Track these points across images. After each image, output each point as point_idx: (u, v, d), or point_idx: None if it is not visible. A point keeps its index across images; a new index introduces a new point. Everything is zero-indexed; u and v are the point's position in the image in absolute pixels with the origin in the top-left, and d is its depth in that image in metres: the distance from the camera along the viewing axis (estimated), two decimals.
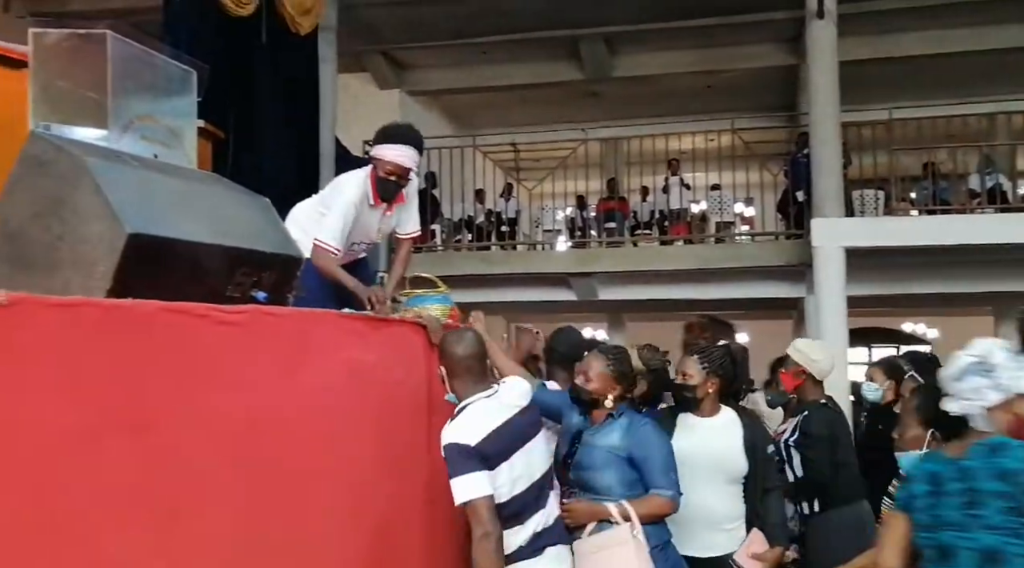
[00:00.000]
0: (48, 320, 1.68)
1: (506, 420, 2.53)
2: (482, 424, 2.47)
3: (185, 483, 1.87)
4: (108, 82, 3.34)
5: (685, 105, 11.84)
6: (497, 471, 2.44)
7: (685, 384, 3.21)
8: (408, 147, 3.37)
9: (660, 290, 9.95)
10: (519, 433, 2.56)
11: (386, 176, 3.37)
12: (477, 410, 2.53)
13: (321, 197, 3.59)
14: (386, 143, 3.36)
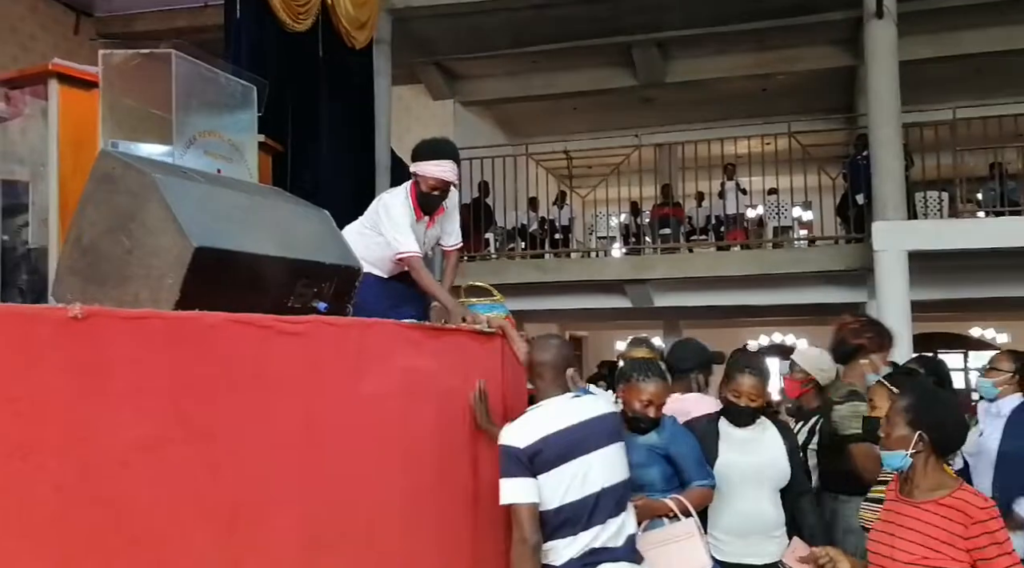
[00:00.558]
0: (120, 332, 1.74)
1: (570, 425, 2.52)
2: (538, 427, 2.49)
3: (248, 490, 1.92)
4: (173, 99, 3.46)
5: (740, 109, 11.71)
6: (546, 476, 2.45)
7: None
8: (449, 161, 3.49)
9: (716, 296, 9.84)
10: (582, 440, 2.53)
11: (429, 190, 3.48)
12: (540, 413, 2.55)
13: (368, 218, 3.66)
14: (429, 160, 3.46)
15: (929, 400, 2.37)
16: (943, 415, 2.34)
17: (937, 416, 2.32)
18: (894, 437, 2.33)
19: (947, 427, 2.33)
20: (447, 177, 3.47)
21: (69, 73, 3.45)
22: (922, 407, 2.32)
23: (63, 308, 1.62)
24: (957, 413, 2.42)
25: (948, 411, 2.37)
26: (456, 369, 2.80)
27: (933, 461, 2.31)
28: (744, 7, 9.27)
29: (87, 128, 3.36)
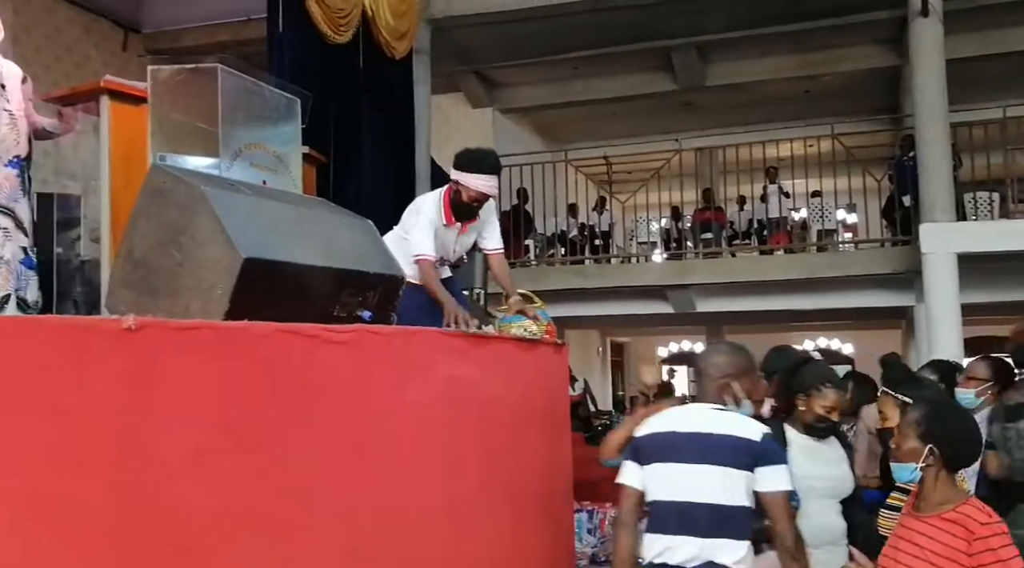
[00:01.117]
0: (171, 343, 1.77)
1: (680, 431, 2.48)
2: (660, 423, 2.53)
3: (295, 500, 1.94)
4: (219, 113, 3.52)
5: (782, 111, 11.59)
6: (647, 469, 2.48)
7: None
8: (495, 177, 3.56)
9: (760, 301, 9.73)
10: (681, 449, 2.46)
11: (470, 201, 3.55)
12: (672, 412, 2.58)
13: (401, 223, 3.72)
14: (475, 173, 3.51)
15: (942, 413, 2.32)
16: (955, 429, 2.28)
17: (949, 430, 2.26)
18: (904, 449, 2.28)
19: (959, 441, 2.27)
20: (489, 192, 3.55)
21: (120, 89, 3.53)
22: (934, 420, 2.27)
23: (116, 319, 1.66)
24: (971, 427, 2.35)
25: (961, 425, 2.32)
26: (498, 377, 2.80)
27: (944, 476, 2.25)
28: (785, 8, 9.18)
29: (137, 143, 3.43)
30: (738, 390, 2.54)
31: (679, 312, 10.13)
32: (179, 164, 3.41)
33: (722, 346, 2.70)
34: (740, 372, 2.57)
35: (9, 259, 3.31)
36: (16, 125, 3.44)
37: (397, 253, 3.50)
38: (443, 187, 3.68)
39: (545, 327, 3.75)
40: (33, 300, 3.41)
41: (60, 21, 8.49)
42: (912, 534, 2.24)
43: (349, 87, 7.41)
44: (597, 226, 11.32)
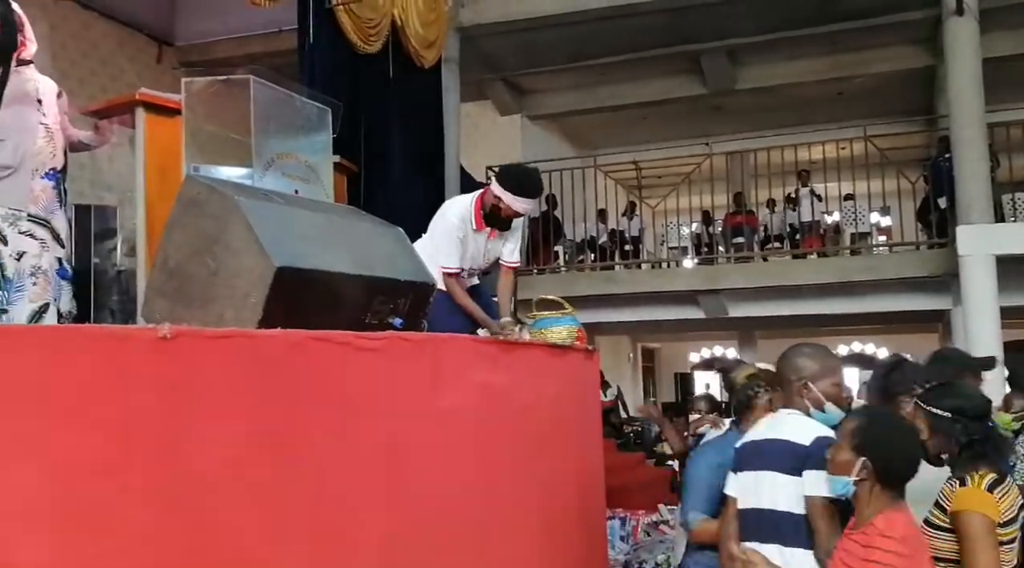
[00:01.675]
0: (206, 351, 1.79)
1: (757, 439, 2.49)
2: (751, 433, 2.54)
3: (330, 507, 1.95)
4: (252, 123, 3.57)
5: (813, 114, 11.47)
6: (740, 475, 2.50)
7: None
8: (534, 201, 3.71)
9: (793, 305, 9.63)
10: (753, 456, 2.48)
11: (505, 217, 3.64)
12: (763, 421, 2.58)
13: (430, 231, 3.76)
14: (519, 196, 3.59)
15: (877, 425, 2.23)
16: (890, 442, 2.19)
17: (884, 443, 2.17)
18: (838, 461, 2.20)
19: (894, 455, 2.17)
20: (527, 212, 3.71)
21: (154, 101, 3.59)
22: (869, 432, 2.18)
23: (152, 328, 1.68)
24: (908, 440, 2.24)
25: (897, 438, 2.21)
26: (529, 383, 2.80)
27: (878, 490, 2.15)
28: (816, 10, 9.09)
29: (171, 154, 3.49)
30: (816, 393, 2.44)
31: (711, 317, 10.05)
32: (213, 174, 3.46)
33: (803, 348, 2.56)
34: (818, 375, 2.46)
35: (47, 269, 3.37)
36: (52, 138, 3.50)
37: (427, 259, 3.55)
38: (476, 192, 3.75)
39: (576, 333, 3.75)
40: (66, 310, 3.47)
41: (96, 36, 8.64)
42: (843, 554, 2.16)
43: (379, 96, 7.46)
44: (627, 231, 11.28)
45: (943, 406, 2.45)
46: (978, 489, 2.28)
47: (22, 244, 3.30)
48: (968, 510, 2.24)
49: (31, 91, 3.47)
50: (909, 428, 2.34)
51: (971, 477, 2.31)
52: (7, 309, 3.26)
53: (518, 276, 9.54)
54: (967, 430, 2.37)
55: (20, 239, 3.30)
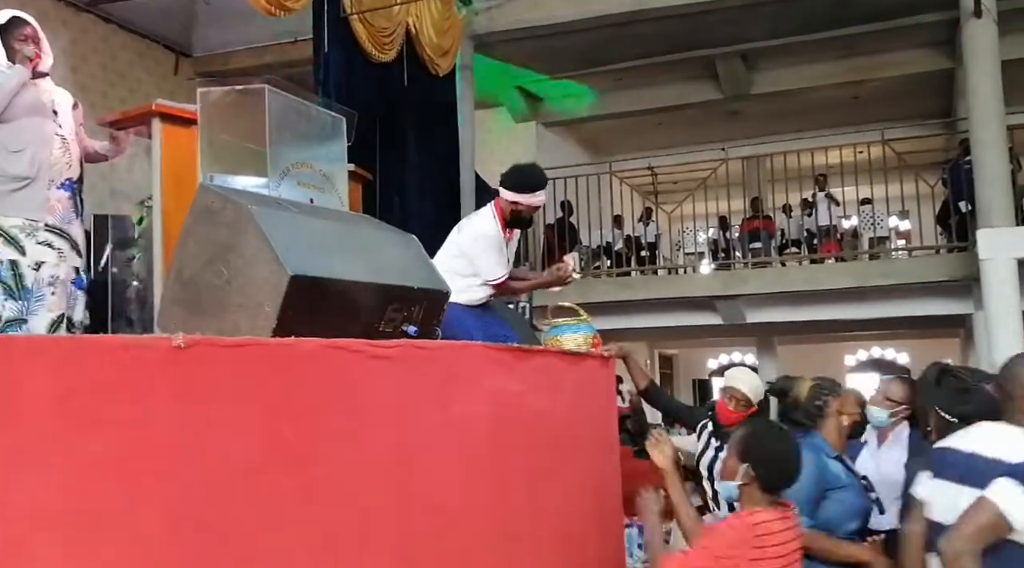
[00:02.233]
0: (220, 360, 1.79)
1: (963, 450, 2.34)
2: (959, 440, 2.40)
3: (344, 515, 1.95)
4: (267, 133, 3.58)
5: (830, 118, 11.40)
6: (936, 483, 2.38)
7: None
8: (545, 192, 3.82)
9: (812, 311, 9.55)
10: (954, 467, 2.33)
11: (528, 216, 3.81)
12: (973, 428, 2.42)
13: (457, 245, 3.78)
14: (528, 192, 3.71)
15: (761, 435, 2.46)
16: (771, 451, 2.40)
17: (765, 451, 2.39)
18: (727, 468, 2.42)
19: (774, 463, 2.38)
20: (540, 204, 3.83)
21: (170, 112, 3.62)
22: (752, 441, 2.41)
23: (166, 338, 1.68)
24: (788, 451, 2.45)
25: (778, 448, 2.43)
26: (545, 390, 2.79)
27: (759, 496, 2.37)
28: (831, 14, 9.05)
29: (187, 164, 3.51)
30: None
31: (728, 323, 9.99)
32: (228, 184, 3.48)
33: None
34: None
35: (64, 279, 3.40)
36: (68, 149, 3.54)
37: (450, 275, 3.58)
38: (488, 206, 3.86)
39: (592, 340, 3.74)
40: (79, 320, 3.50)
41: (115, 48, 8.73)
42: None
43: (394, 105, 7.49)
44: (643, 237, 11.25)
45: (952, 412, 2.50)
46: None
47: (40, 254, 3.34)
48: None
49: (47, 103, 3.52)
50: (791, 441, 2.52)
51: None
52: (27, 319, 3.29)
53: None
54: None
55: (38, 249, 3.34)
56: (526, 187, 3.70)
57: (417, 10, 7.80)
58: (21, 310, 3.26)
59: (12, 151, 3.35)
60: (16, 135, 3.38)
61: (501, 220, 3.75)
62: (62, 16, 8.00)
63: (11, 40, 3.45)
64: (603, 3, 8.81)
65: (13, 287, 3.25)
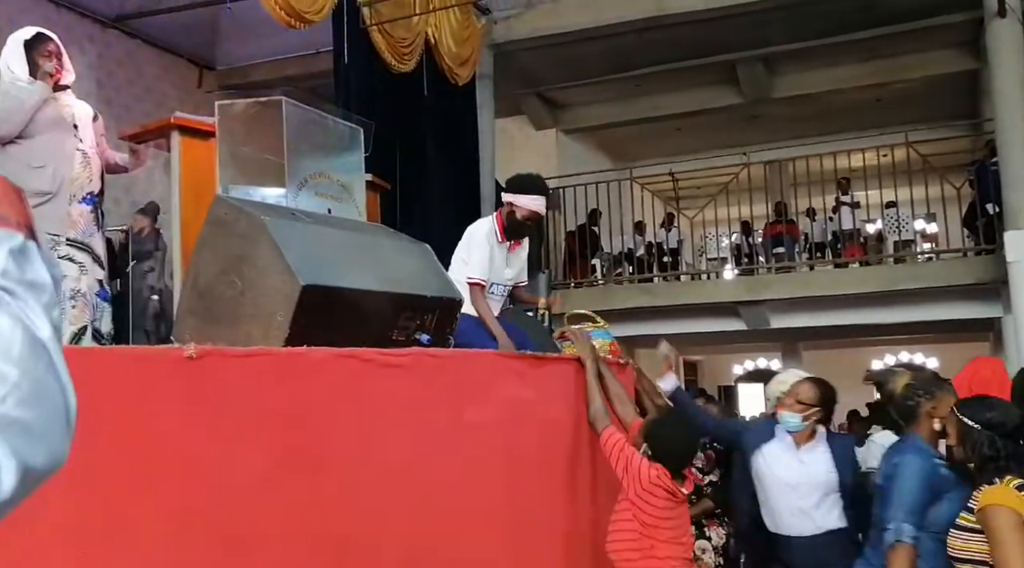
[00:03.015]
0: (232, 370, 1.82)
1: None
2: None
3: (356, 521, 1.96)
4: (284, 144, 3.62)
5: (853, 121, 11.28)
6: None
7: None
8: (544, 197, 3.82)
9: (837, 316, 9.45)
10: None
11: (524, 220, 3.77)
12: None
13: (458, 254, 3.85)
14: (526, 194, 3.74)
15: (663, 422, 2.90)
16: (669, 434, 2.78)
17: (663, 433, 2.77)
18: (636, 443, 2.79)
19: (666, 444, 2.74)
20: (540, 210, 3.80)
21: (189, 125, 3.66)
22: (655, 425, 2.82)
23: (178, 348, 1.71)
24: (686, 436, 2.87)
25: (676, 432, 2.82)
26: (559, 398, 2.78)
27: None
28: (853, 16, 8.97)
29: (206, 176, 3.55)
30: None
31: (753, 329, 9.91)
32: (248, 195, 3.51)
33: None
34: None
35: (86, 292, 3.45)
36: (89, 163, 3.59)
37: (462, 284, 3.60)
38: (492, 214, 3.91)
39: (608, 346, 3.73)
40: (107, 331, 3.55)
41: (140, 62, 8.87)
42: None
43: (414, 114, 7.53)
44: (665, 243, 11.19)
45: (975, 418, 2.49)
46: (1006, 487, 2.33)
47: (62, 268, 3.39)
48: (993, 504, 2.30)
49: (67, 117, 3.57)
50: (690, 427, 3.06)
51: (999, 479, 2.36)
52: None
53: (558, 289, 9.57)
54: (993, 444, 2.41)
55: (60, 263, 3.39)
56: (520, 189, 3.74)
57: (436, 20, 7.84)
58: None
59: (34, 167, 3.40)
60: (38, 151, 3.43)
61: (500, 226, 3.77)
62: (88, 31, 8.14)
63: (36, 56, 3.51)
64: (622, 10, 8.80)
65: None
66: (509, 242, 3.86)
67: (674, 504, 2.70)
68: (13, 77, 3.45)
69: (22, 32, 3.53)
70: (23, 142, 3.41)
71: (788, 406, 3.38)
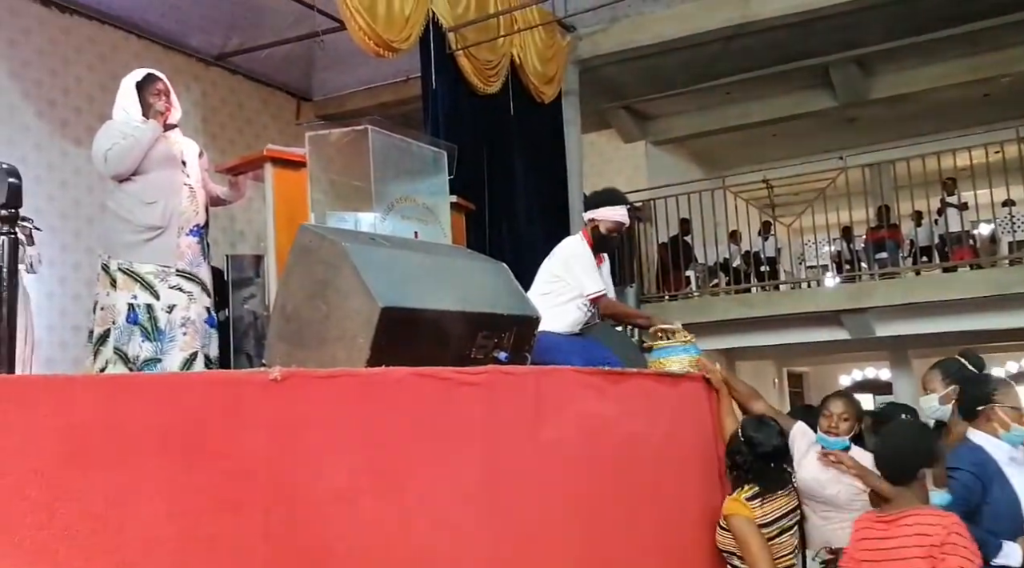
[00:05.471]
0: (315, 391, 1.90)
1: None
2: None
3: (436, 539, 2.01)
4: (371, 171, 3.76)
5: (958, 119, 10.79)
6: None
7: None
8: (624, 206, 3.94)
9: (947, 322, 9.01)
10: None
11: (608, 233, 3.89)
12: None
13: (550, 272, 3.90)
14: (609, 206, 3.89)
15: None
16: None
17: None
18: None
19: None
20: (624, 220, 3.93)
21: (281, 156, 3.85)
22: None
23: (263, 371, 1.80)
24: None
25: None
26: (640, 414, 2.78)
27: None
28: (951, 11, 8.60)
29: (299, 204, 3.71)
30: None
31: (857, 338, 9.57)
32: (340, 221, 3.66)
33: None
34: None
35: (195, 319, 3.65)
36: (195, 197, 3.81)
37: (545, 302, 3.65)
38: (578, 234, 4.04)
39: (696, 362, 3.69)
40: (215, 356, 3.74)
41: (242, 97, 9.31)
42: None
43: (501, 134, 7.63)
44: (762, 252, 10.95)
45: (744, 433, 3.12)
46: (738, 497, 3.01)
47: (172, 298, 3.60)
48: (731, 513, 2.99)
49: (176, 154, 3.80)
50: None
51: (739, 489, 3.05)
52: (161, 358, 3.55)
53: (650, 302, 9.48)
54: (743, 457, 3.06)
55: (170, 293, 3.60)
56: (600, 202, 3.87)
57: (521, 41, 7.94)
58: (156, 350, 3.53)
59: (147, 203, 3.64)
60: (150, 187, 3.66)
61: (589, 243, 3.89)
62: (194, 70, 8.61)
63: (147, 96, 3.75)
64: (708, 19, 8.70)
65: (149, 329, 3.52)
66: (594, 257, 3.95)
67: None
68: (128, 118, 3.70)
69: (134, 74, 3.79)
70: (137, 179, 3.65)
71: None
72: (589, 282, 3.80)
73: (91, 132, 3.99)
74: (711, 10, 8.63)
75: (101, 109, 6.09)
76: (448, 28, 7.02)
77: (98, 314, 3.59)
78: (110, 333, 3.51)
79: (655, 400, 2.89)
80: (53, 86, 7.11)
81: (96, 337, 3.56)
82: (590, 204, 3.94)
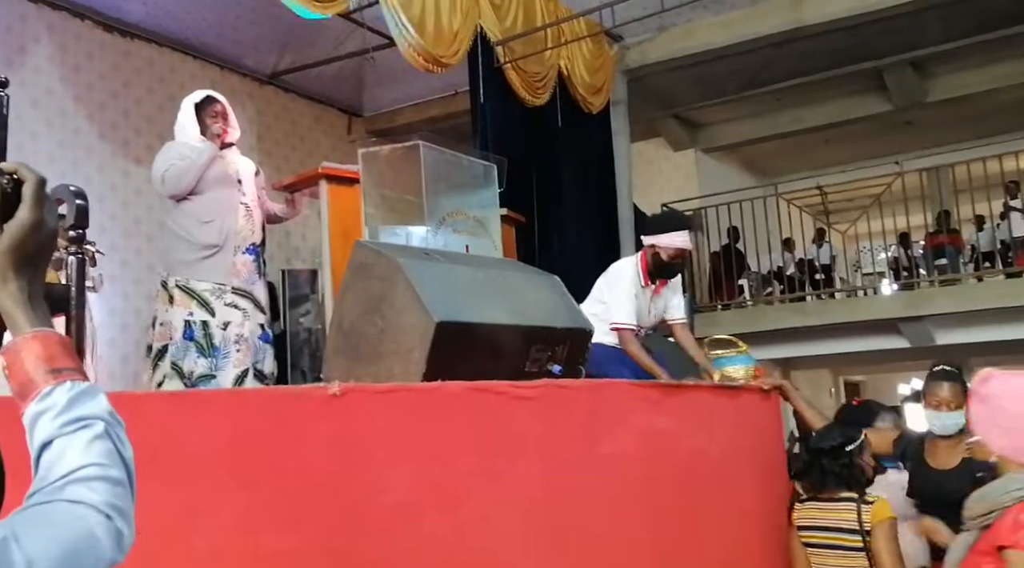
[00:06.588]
0: (373, 406, 1.92)
1: None
2: None
3: (494, 554, 2.01)
4: (423, 185, 3.80)
5: (1020, 119, 10.50)
6: None
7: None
8: (687, 231, 3.79)
9: (1011, 330, 8.75)
10: None
11: (670, 260, 3.73)
12: None
13: (598, 289, 3.84)
14: (669, 232, 3.72)
15: None
16: None
17: None
18: None
19: None
20: (686, 246, 3.76)
21: (335, 173, 3.91)
22: None
23: (323, 387, 1.83)
24: None
25: None
26: (699, 426, 2.75)
27: None
28: (1009, 10, 8.39)
29: (353, 220, 3.77)
30: None
31: (915, 346, 9.33)
32: (393, 236, 3.71)
33: None
34: None
35: (248, 336, 3.72)
36: (251, 216, 3.88)
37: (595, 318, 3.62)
38: (636, 254, 3.89)
39: (753, 371, 3.65)
40: (269, 371, 3.81)
41: (295, 115, 9.48)
42: None
43: (549, 145, 7.64)
44: (816, 260, 10.76)
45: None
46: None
47: (227, 315, 3.68)
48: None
49: (232, 173, 3.88)
50: None
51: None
52: (215, 374, 3.63)
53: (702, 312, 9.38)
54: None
55: (226, 310, 3.68)
56: (660, 228, 3.74)
57: (568, 53, 7.95)
58: (211, 366, 3.61)
59: (204, 222, 3.72)
60: (207, 206, 3.75)
61: (644, 268, 3.76)
62: (248, 90, 8.79)
63: (205, 117, 3.84)
64: (759, 25, 8.60)
65: (204, 345, 3.60)
66: (653, 285, 3.82)
67: None
68: (186, 138, 3.80)
69: (194, 95, 3.89)
70: (194, 198, 3.74)
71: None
72: (618, 312, 3.66)
73: (151, 152, 4.10)
74: (761, 17, 8.53)
75: (160, 129, 6.26)
76: (496, 42, 7.06)
77: (157, 330, 3.68)
78: (168, 348, 3.60)
79: (714, 412, 2.86)
80: (115, 109, 7.32)
81: (155, 352, 3.65)
82: (651, 229, 3.82)
